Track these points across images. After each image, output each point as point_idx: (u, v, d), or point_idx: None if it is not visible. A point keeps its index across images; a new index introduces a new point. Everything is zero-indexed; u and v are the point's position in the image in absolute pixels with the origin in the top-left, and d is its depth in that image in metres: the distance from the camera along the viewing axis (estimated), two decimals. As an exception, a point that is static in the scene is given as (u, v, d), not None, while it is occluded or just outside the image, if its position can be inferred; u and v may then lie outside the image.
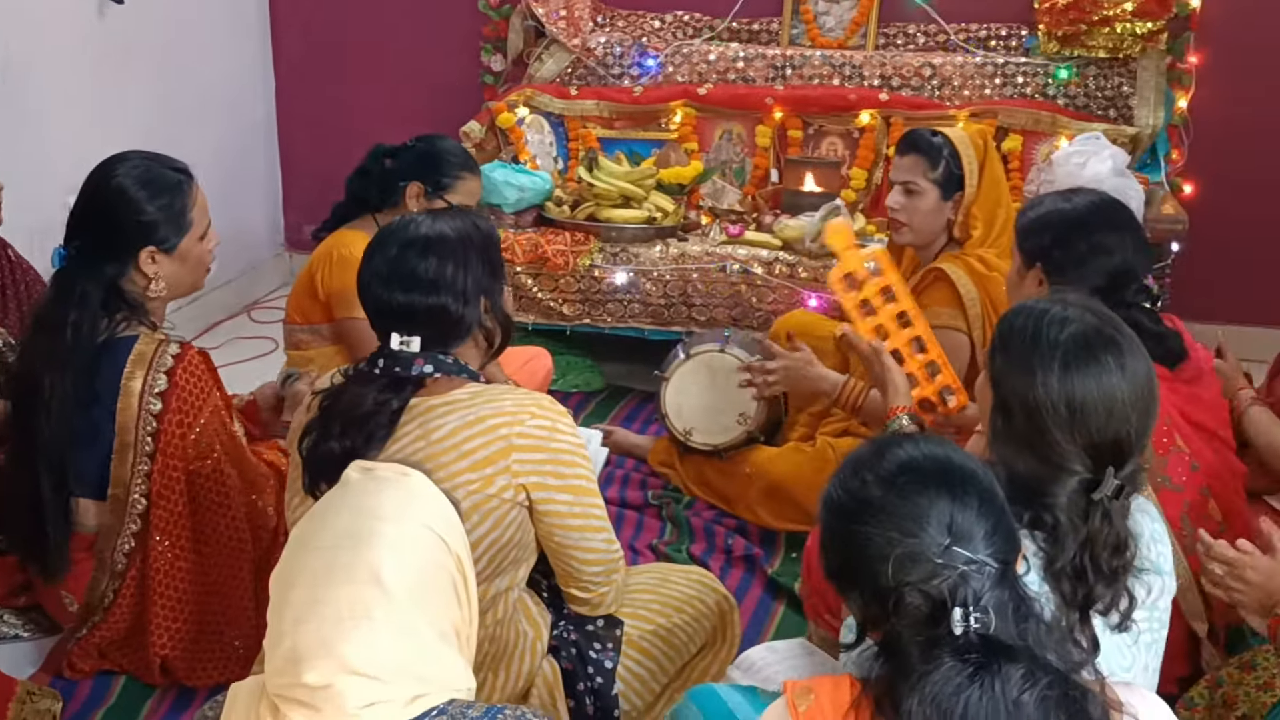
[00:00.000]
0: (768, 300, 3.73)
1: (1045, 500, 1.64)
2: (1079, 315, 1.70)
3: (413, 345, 1.95)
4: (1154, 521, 1.80)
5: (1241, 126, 4.22)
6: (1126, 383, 1.66)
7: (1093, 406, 1.64)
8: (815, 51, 4.32)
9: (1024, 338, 1.70)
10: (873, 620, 1.36)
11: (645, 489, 3.31)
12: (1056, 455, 1.65)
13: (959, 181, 2.89)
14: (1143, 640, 1.73)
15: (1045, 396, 1.64)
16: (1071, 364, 1.65)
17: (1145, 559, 1.72)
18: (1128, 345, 1.70)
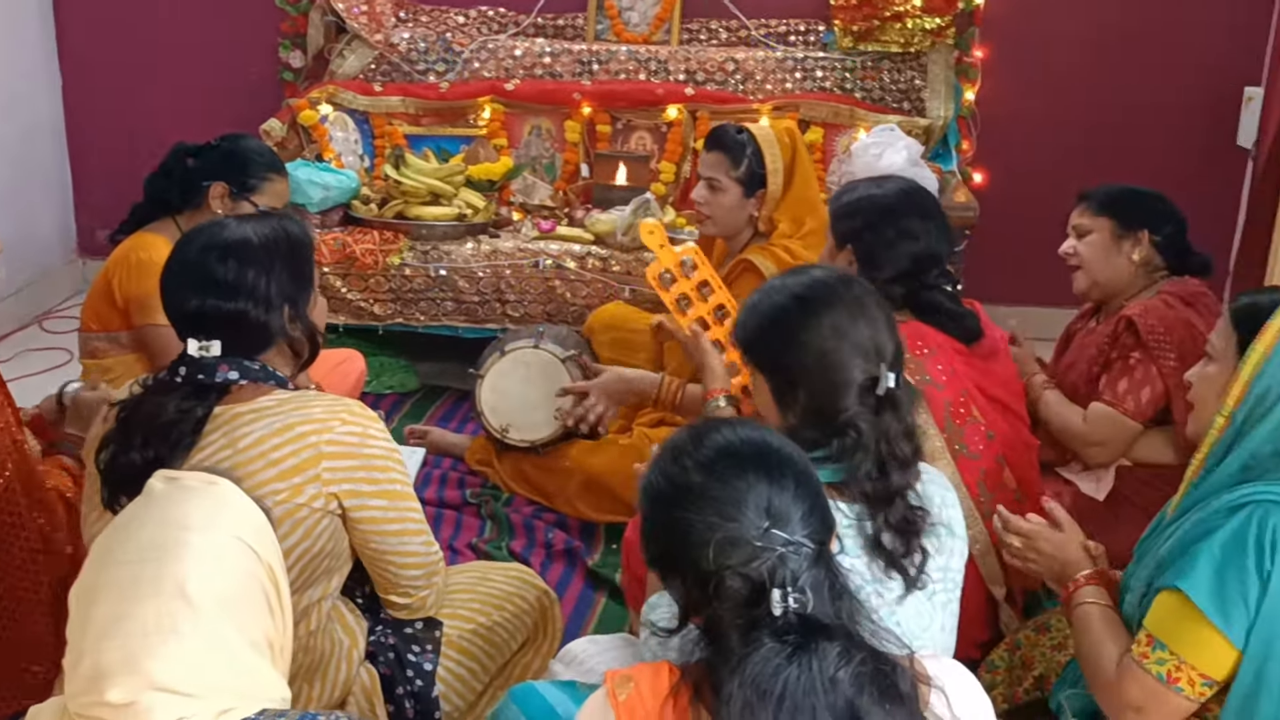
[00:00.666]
0: (581, 295, 3.74)
1: (842, 415, 1.75)
2: (792, 279, 1.88)
3: (212, 350, 1.89)
4: (944, 489, 1.88)
5: (1025, 117, 4.45)
6: (869, 301, 1.84)
7: (849, 322, 1.79)
8: (621, 47, 4.36)
9: (766, 306, 1.85)
10: (694, 605, 1.37)
11: (463, 488, 3.29)
12: (836, 373, 1.77)
13: (762, 180, 2.96)
14: (937, 599, 1.80)
15: (811, 337, 1.79)
16: (818, 305, 1.80)
17: (938, 519, 1.80)
18: (854, 280, 1.90)
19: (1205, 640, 1.77)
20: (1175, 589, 1.80)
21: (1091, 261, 2.87)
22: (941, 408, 2.37)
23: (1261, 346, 1.83)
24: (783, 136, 3.04)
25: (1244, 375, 1.84)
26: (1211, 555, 1.78)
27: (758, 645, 1.26)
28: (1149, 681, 1.81)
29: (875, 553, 1.73)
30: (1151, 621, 1.84)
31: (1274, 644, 1.74)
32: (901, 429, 1.77)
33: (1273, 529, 1.75)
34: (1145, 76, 4.44)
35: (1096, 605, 1.99)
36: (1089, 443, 2.78)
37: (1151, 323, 2.72)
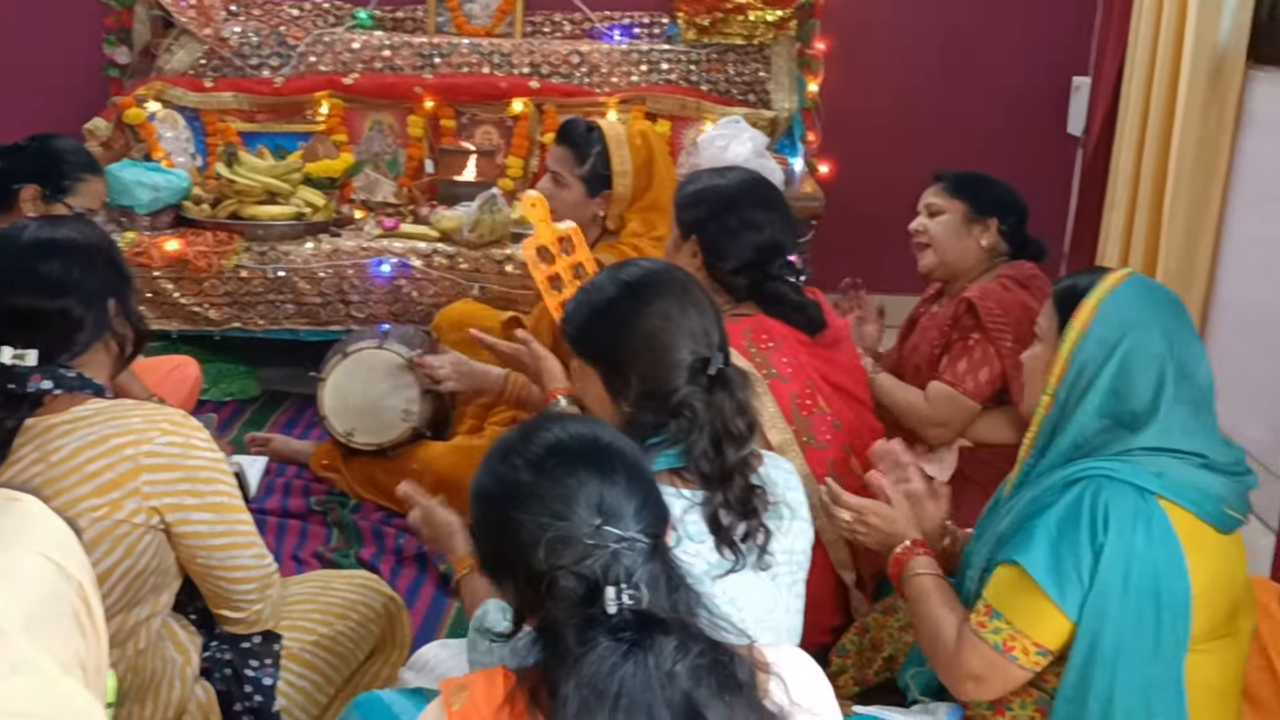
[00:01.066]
0: (429, 293, 3.66)
1: (675, 396, 1.74)
2: (620, 271, 1.87)
3: (28, 359, 1.79)
4: (786, 472, 1.89)
5: (867, 108, 4.52)
6: (697, 291, 1.85)
7: (678, 309, 1.79)
8: (463, 40, 4.28)
9: (595, 297, 1.85)
10: (528, 607, 1.34)
11: (308, 495, 3.18)
12: (666, 354, 1.77)
13: (607, 180, 2.93)
14: (781, 581, 1.80)
15: (641, 324, 1.79)
16: (646, 293, 1.81)
17: (781, 501, 1.80)
18: (680, 270, 1.92)
19: (1041, 611, 1.81)
20: (1013, 563, 1.84)
21: (941, 240, 2.92)
22: (788, 400, 2.37)
23: (1078, 324, 1.87)
24: (635, 139, 3.00)
25: (1063, 353, 1.89)
26: (1047, 530, 1.82)
27: (593, 645, 1.23)
28: (985, 650, 1.84)
29: (717, 534, 1.72)
30: (990, 593, 1.88)
31: (1106, 615, 1.78)
32: (735, 406, 1.77)
33: (1105, 503, 1.79)
34: (980, 67, 4.55)
35: (929, 576, 2.01)
36: (930, 423, 2.83)
37: (989, 305, 2.78)
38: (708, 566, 1.71)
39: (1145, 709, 1.81)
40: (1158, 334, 1.86)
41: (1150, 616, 1.79)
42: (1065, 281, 1.99)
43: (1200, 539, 1.82)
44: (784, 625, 1.83)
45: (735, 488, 1.74)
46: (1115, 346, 1.85)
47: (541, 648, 1.29)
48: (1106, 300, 1.88)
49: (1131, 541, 1.78)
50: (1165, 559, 1.79)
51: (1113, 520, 1.78)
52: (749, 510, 1.75)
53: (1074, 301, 1.91)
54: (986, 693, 1.89)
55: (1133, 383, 1.84)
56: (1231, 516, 1.86)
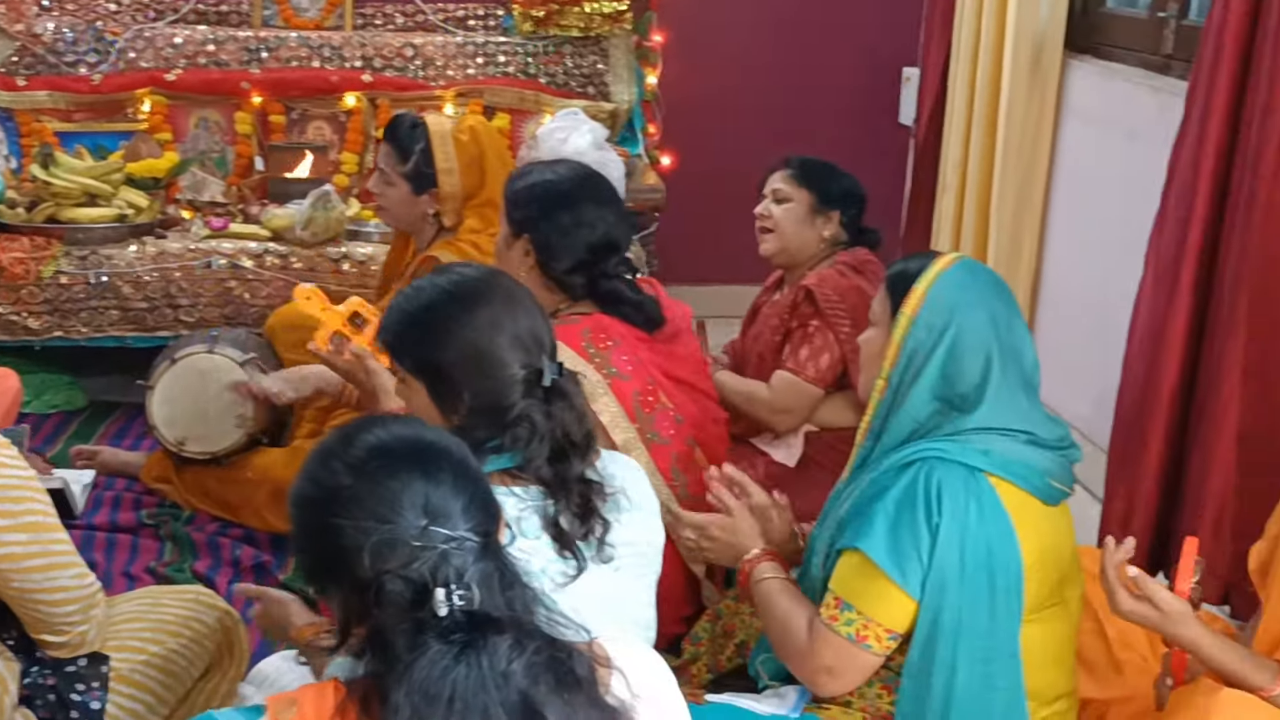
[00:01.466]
0: (261, 295, 3.55)
1: (511, 412, 1.70)
2: (440, 276, 1.82)
3: None
4: (625, 466, 1.87)
5: (707, 100, 4.56)
6: (522, 293, 1.81)
7: (506, 315, 1.75)
8: (291, 33, 4.16)
9: (415, 305, 1.78)
10: (356, 616, 1.29)
11: (139, 509, 3.05)
12: (498, 369, 1.72)
13: (432, 179, 2.86)
14: (628, 572, 1.78)
15: (466, 334, 1.73)
16: (470, 301, 1.75)
17: (620, 492, 1.78)
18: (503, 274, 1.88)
19: (886, 595, 1.84)
20: (855, 549, 1.86)
21: (784, 228, 2.95)
22: (630, 398, 2.35)
23: (909, 309, 1.91)
24: (463, 135, 2.92)
25: (895, 337, 1.92)
26: (886, 513, 1.85)
27: (424, 649, 1.19)
28: (839, 642, 1.86)
29: (557, 539, 1.69)
30: (836, 583, 1.89)
31: (946, 592, 1.82)
32: (574, 416, 1.73)
33: (937, 483, 1.83)
34: (815, 59, 4.63)
35: (776, 579, 2.03)
36: (775, 410, 2.86)
37: (827, 291, 2.82)
38: (544, 564, 1.69)
39: (986, 680, 1.85)
40: (985, 317, 1.91)
41: (985, 590, 1.83)
42: (897, 266, 2.02)
43: (1028, 512, 1.87)
44: (634, 617, 1.82)
45: (574, 491, 1.71)
46: (944, 331, 1.89)
47: (371, 656, 1.25)
48: (935, 285, 1.92)
49: (965, 519, 1.82)
50: (996, 534, 1.84)
51: (945, 499, 1.82)
52: (588, 509, 1.72)
53: (905, 286, 1.94)
54: (842, 684, 1.91)
55: (961, 365, 1.89)
56: (1057, 489, 1.92)
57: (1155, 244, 2.77)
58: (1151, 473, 2.76)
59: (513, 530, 1.54)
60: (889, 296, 1.99)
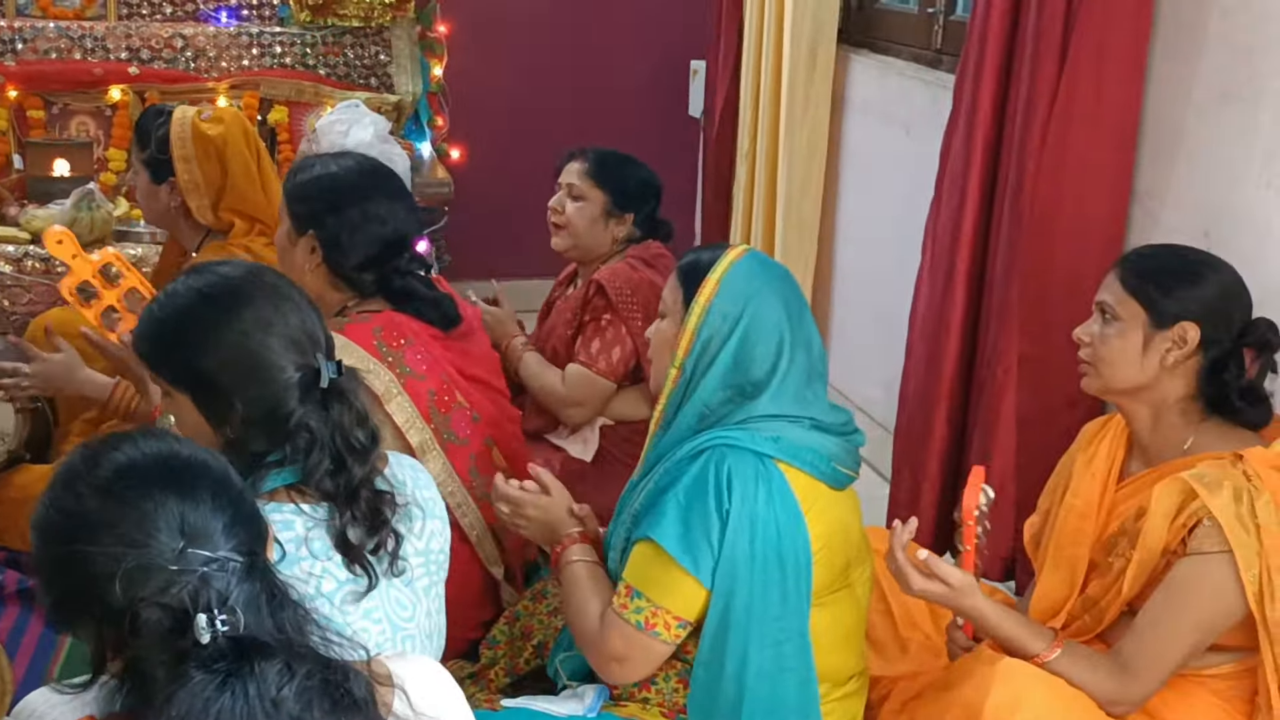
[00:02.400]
0: (23, 301, 3.32)
1: (288, 420, 1.59)
2: (195, 278, 1.70)
3: None
4: (415, 470, 1.81)
5: (496, 92, 4.52)
6: (289, 288, 1.70)
7: (274, 313, 1.64)
8: (49, 23, 3.91)
9: (170, 312, 1.67)
10: (112, 646, 1.20)
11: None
12: (270, 373, 1.61)
13: (169, 166, 2.72)
14: (419, 584, 1.73)
15: (230, 338, 1.61)
16: (231, 301, 1.64)
17: (410, 500, 1.72)
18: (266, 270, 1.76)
19: (677, 583, 1.85)
20: (648, 539, 1.86)
21: (578, 226, 2.93)
22: (425, 398, 2.28)
23: (703, 299, 1.92)
24: (203, 127, 2.75)
25: (690, 326, 1.92)
26: (677, 502, 1.86)
27: (185, 679, 1.12)
28: (628, 630, 1.87)
29: (346, 553, 1.62)
30: (629, 573, 1.90)
31: (737, 579, 1.84)
32: (354, 417, 1.64)
33: (728, 470, 1.84)
34: (604, 51, 4.64)
35: (584, 563, 2.02)
36: (567, 403, 2.85)
37: (619, 285, 2.82)
38: (337, 585, 1.62)
39: (777, 664, 1.88)
40: (779, 304, 1.93)
41: (775, 575, 1.86)
42: (689, 257, 2.03)
43: (816, 497, 1.91)
44: (425, 629, 1.76)
45: (361, 501, 1.64)
46: (739, 319, 1.91)
47: (130, 689, 1.17)
48: (729, 274, 1.93)
49: (754, 505, 1.84)
50: (786, 519, 1.86)
51: (735, 486, 1.84)
52: (378, 521, 1.65)
53: (698, 277, 1.95)
54: (632, 673, 1.91)
55: (754, 352, 1.91)
56: (844, 474, 1.97)
57: (930, 233, 2.86)
58: (936, 455, 2.86)
59: (282, 547, 1.46)
60: (681, 286, 1.99)
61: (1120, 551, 1.95)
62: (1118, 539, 1.97)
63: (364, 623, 1.64)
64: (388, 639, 1.67)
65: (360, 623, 1.63)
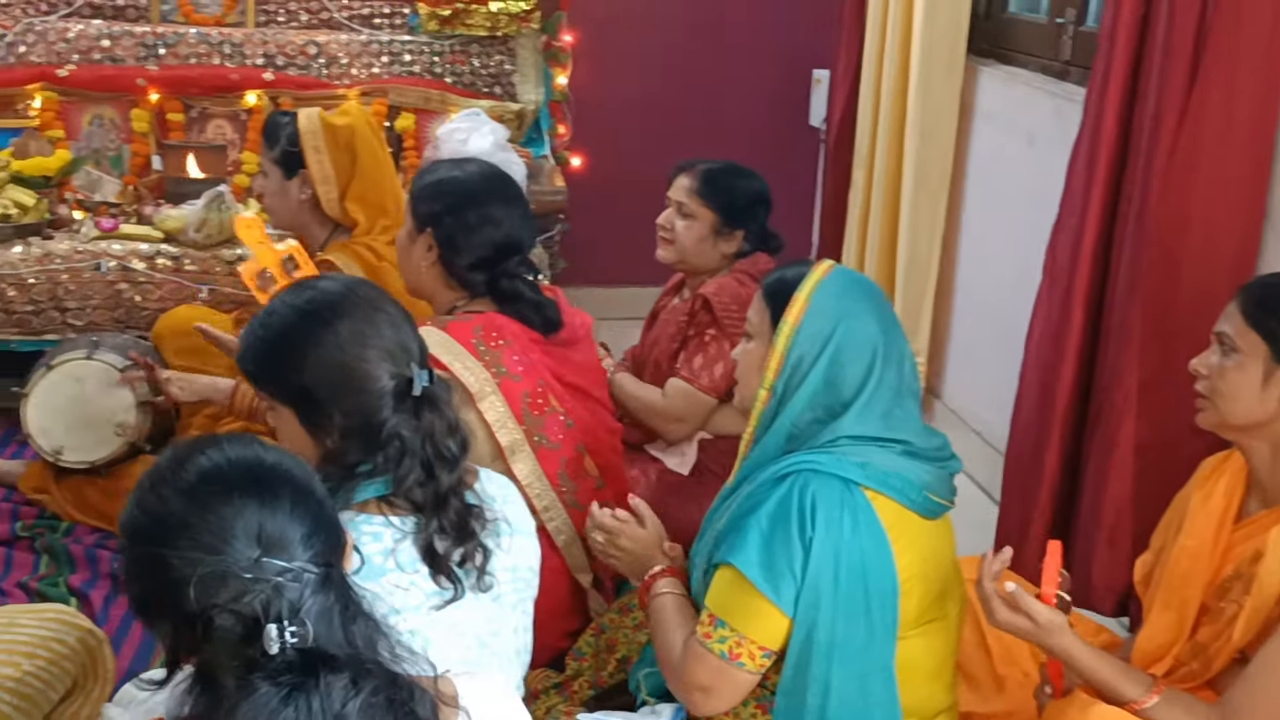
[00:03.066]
0: (154, 298, 3.44)
1: (381, 429, 1.63)
2: (293, 295, 1.75)
3: None
4: (503, 486, 1.82)
5: (619, 101, 4.52)
6: (384, 301, 1.74)
7: (368, 327, 1.68)
8: (190, 29, 4.04)
9: (270, 329, 1.71)
10: (186, 648, 1.22)
11: (16, 520, 2.94)
12: (365, 383, 1.65)
13: (299, 158, 2.81)
14: (506, 600, 1.74)
15: (328, 352, 1.65)
16: (328, 317, 1.68)
17: (500, 516, 1.74)
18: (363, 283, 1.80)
19: (760, 612, 1.81)
20: (729, 564, 1.83)
21: (685, 243, 2.92)
22: (519, 400, 2.31)
23: (791, 319, 1.88)
24: (332, 120, 2.86)
25: (779, 348, 1.88)
26: (760, 528, 1.82)
27: (251, 690, 1.12)
28: (713, 660, 1.83)
29: (433, 564, 1.63)
30: (711, 599, 1.86)
31: (820, 608, 1.79)
32: (445, 425, 1.68)
33: (812, 496, 1.80)
34: (726, 60, 4.61)
35: (671, 595, 2.01)
36: (668, 418, 2.83)
37: (725, 300, 2.79)
38: (424, 597, 1.63)
39: (861, 697, 1.83)
40: (871, 321, 1.89)
41: (861, 606, 1.81)
42: (773, 276, 1.99)
43: (905, 526, 1.85)
44: (512, 646, 1.78)
45: (450, 512, 1.66)
46: (829, 338, 1.87)
47: (199, 694, 1.18)
48: (817, 293, 1.89)
49: (839, 533, 1.79)
50: (872, 548, 1.81)
51: (819, 513, 1.79)
52: (466, 533, 1.66)
53: (784, 296, 1.91)
54: (716, 703, 1.88)
55: (845, 372, 1.86)
56: (936, 502, 1.90)
57: (1052, 250, 2.76)
58: (1048, 481, 2.76)
59: (362, 557, 1.48)
60: (767, 306, 1.96)
61: (1234, 596, 1.85)
62: (1232, 583, 1.87)
63: (449, 635, 1.65)
64: (473, 654, 1.68)
65: (445, 636, 1.64)
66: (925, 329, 3.74)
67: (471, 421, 2.25)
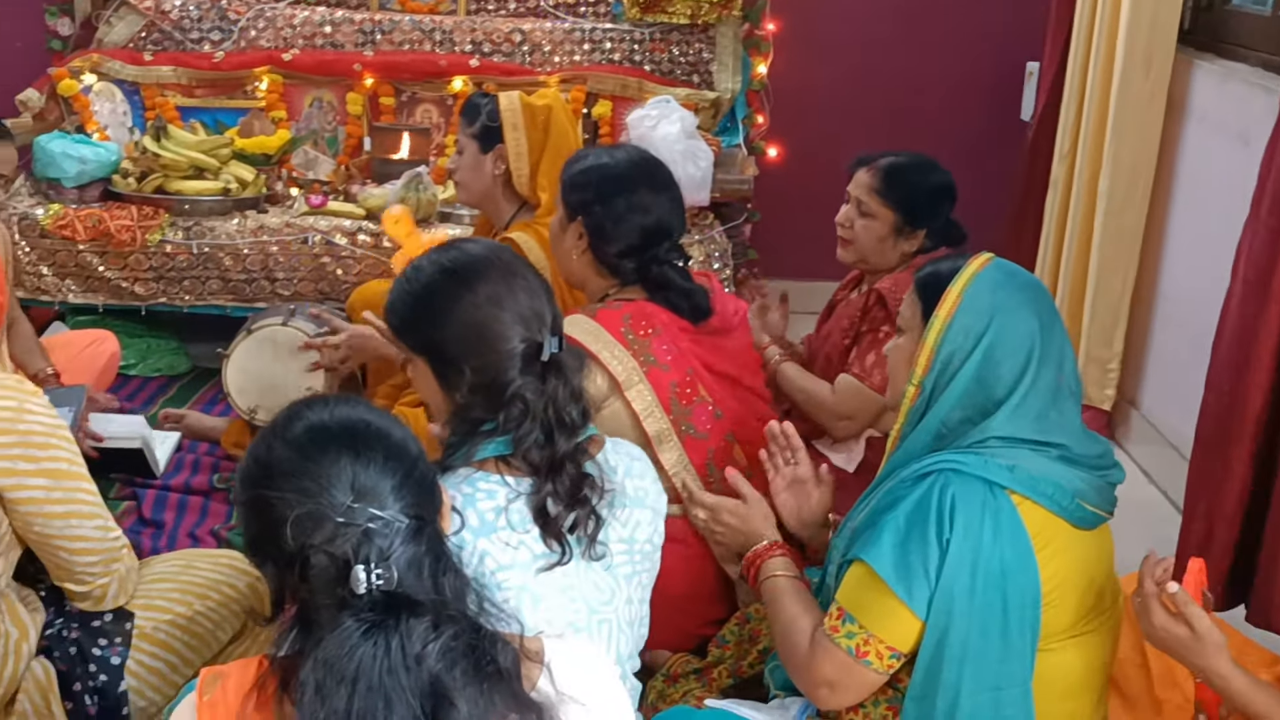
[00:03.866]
0: (353, 272, 3.62)
1: (509, 387, 1.69)
2: (440, 254, 1.82)
3: None
4: (630, 458, 1.84)
5: (818, 90, 4.45)
6: (524, 269, 1.79)
7: (506, 291, 1.73)
8: (405, 16, 4.23)
9: (415, 285, 1.78)
10: (289, 590, 1.30)
11: (215, 472, 3.16)
12: (497, 343, 1.71)
13: (498, 134, 2.88)
14: (620, 571, 1.76)
15: (465, 311, 1.72)
16: (469, 277, 1.74)
17: (619, 487, 1.76)
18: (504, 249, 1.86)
19: (890, 612, 1.76)
20: (861, 560, 1.79)
21: (865, 243, 2.87)
22: (667, 389, 2.32)
23: (943, 314, 1.82)
24: (533, 102, 2.95)
25: (929, 343, 1.83)
26: (896, 526, 1.77)
27: (337, 625, 1.19)
28: (840, 655, 1.79)
29: (544, 526, 1.67)
30: (842, 594, 1.83)
31: (954, 614, 1.73)
32: (568, 393, 1.72)
33: (952, 497, 1.74)
34: (934, 51, 4.48)
35: (785, 578, 1.97)
36: (838, 415, 2.78)
37: (900, 296, 2.70)
38: (531, 557, 1.67)
39: (994, 710, 1.76)
40: (1029, 316, 1.81)
41: (998, 614, 1.74)
42: (927, 269, 1.94)
43: (1053, 534, 1.77)
44: (625, 616, 1.79)
45: (565, 477, 1.70)
46: (982, 335, 1.80)
47: (298, 632, 1.26)
48: (971, 287, 1.83)
49: (979, 538, 1.73)
50: (1013, 555, 1.74)
51: (959, 515, 1.73)
52: (578, 499, 1.70)
53: (937, 291, 1.86)
54: (841, 698, 1.84)
55: (999, 370, 1.79)
56: (1090, 512, 1.81)
57: (1244, 250, 2.58)
58: (1235, 493, 2.57)
59: (462, 518, 1.53)
60: (919, 301, 1.90)
61: None
62: None
63: (560, 598, 1.68)
64: (583, 620, 1.71)
65: (556, 598, 1.68)
66: (1120, 337, 3.56)
67: (618, 410, 2.28)
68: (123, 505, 2.98)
